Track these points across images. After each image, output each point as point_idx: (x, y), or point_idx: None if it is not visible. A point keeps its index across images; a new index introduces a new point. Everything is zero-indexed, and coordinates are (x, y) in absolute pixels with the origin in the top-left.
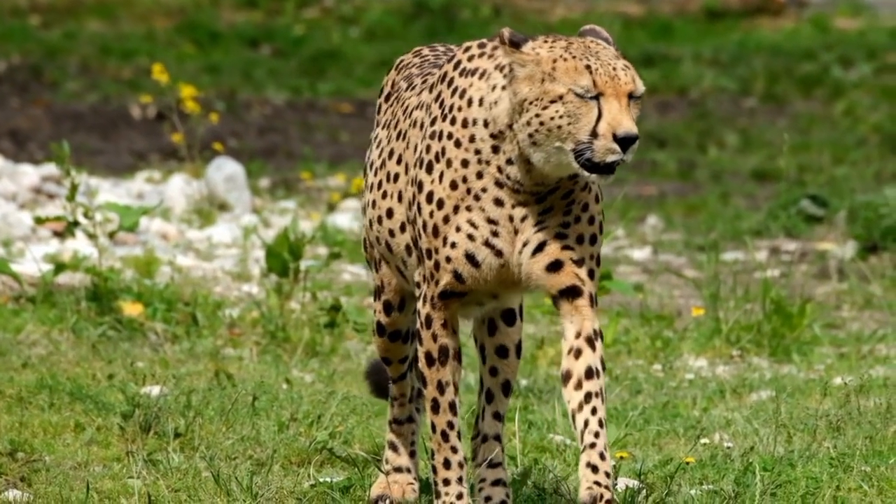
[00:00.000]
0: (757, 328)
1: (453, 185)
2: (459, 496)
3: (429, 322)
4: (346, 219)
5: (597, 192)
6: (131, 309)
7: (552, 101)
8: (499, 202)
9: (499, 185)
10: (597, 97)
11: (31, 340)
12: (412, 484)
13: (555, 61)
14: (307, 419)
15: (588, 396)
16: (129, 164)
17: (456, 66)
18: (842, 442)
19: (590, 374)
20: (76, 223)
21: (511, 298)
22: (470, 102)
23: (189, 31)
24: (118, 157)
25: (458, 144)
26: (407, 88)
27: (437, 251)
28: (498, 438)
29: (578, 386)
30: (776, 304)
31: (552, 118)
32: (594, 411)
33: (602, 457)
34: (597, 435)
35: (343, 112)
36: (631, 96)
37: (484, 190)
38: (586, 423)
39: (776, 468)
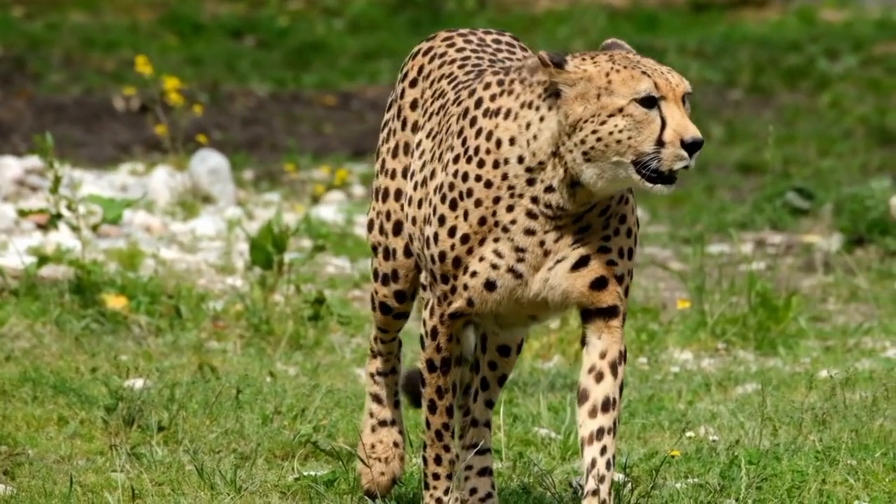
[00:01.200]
0: (742, 321)
1: (481, 222)
2: (447, 491)
3: (434, 334)
4: (331, 211)
5: (633, 204)
6: (115, 302)
7: (611, 115)
8: (529, 232)
9: (531, 215)
10: (658, 105)
11: (14, 333)
12: (398, 447)
13: (608, 74)
14: (291, 412)
15: (600, 432)
16: (112, 156)
17: (478, 105)
18: (827, 435)
19: (606, 405)
20: (59, 216)
21: (518, 323)
22: (499, 144)
23: (172, 22)
24: (101, 150)
25: (488, 185)
26: (455, 102)
27: (455, 278)
28: (488, 425)
29: (593, 414)
30: (762, 297)
31: (611, 133)
32: (603, 451)
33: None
34: (601, 480)
35: (327, 104)
36: (683, 99)
37: (513, 222)
38: (593, 463)
39: (762, 461)
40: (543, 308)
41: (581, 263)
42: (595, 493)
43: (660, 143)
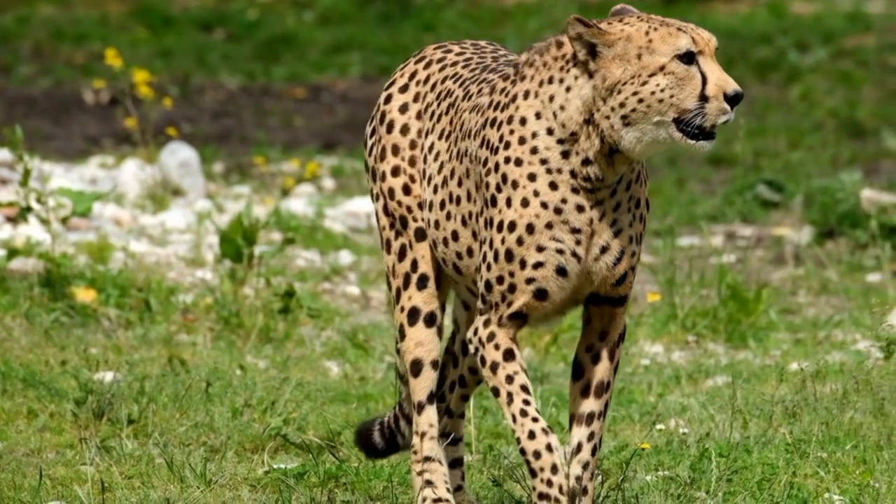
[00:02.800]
0: (713, 314)
1: (524, 203)
2: (554, 469)
3: (491, 337)
4: (301, 204)
5: (645, 182)
6: (84, 295)
7: (652, 75)
8: (580, 208)
9: (575, 191)
10: (696, 60)
11: None
12: None
13: (647, 33)
14: (261, 405)
15: (591, 417)
16: (82, 149)
17: (495, 108)
18: (798, 428)
19: (600, 389)
20: (29, 208)
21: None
22: (524, 121)
23: (142, 15)
24: (71, 143)
25: (518, 163)
26: (464, 98)
27: (511, 275)
28: (462, 416)
29: (586, 394)
30: (732, 290)
31: (653, 92)
32: (591, 437)
33: (585, 490)
34: (585, 466)
35: (297, 97)
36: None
37: (564, 201)
38: (579, 447)
39: (732, 454)
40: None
41: (618, 261)
42: (578, 479)
43: (703, 98)
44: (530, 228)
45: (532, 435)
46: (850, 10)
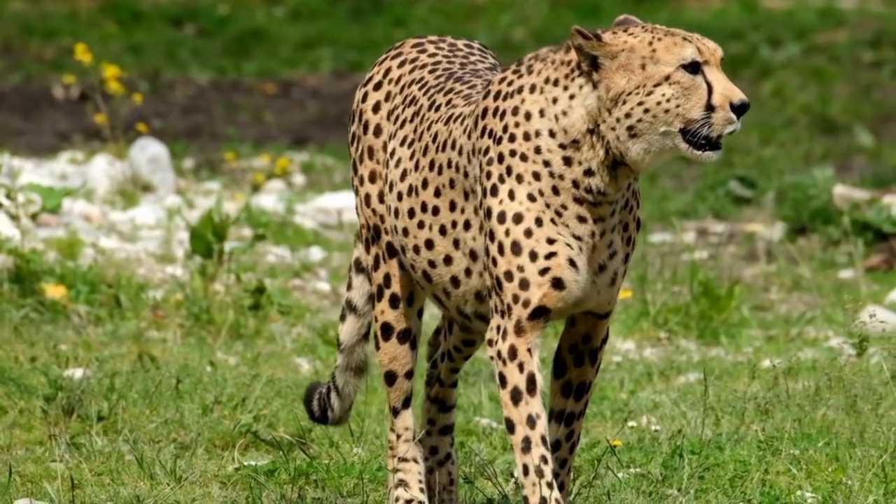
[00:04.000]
0: (685, 310)
1: (531, 198)
2: None
3: (513, 353)
4: (271, 200)
5: (639, 199)
6: (54, 291)
7: (657, 85)
8: (582, 219)
9: (578, 201)
10: (701, 70)
11: None
12: None
13: (651, 43)
14: (231, 402)
15: (570, 417)
16: (51, 144)
17: (497, 97)
18: (770, 425)
19: (581, 390)
20: None
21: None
22: (528, 116)
23: (112, 10)
24: (41, 138)
25: (524, 158)
26: (430, 107)
27: (521, 269)
28: (454, 385)
29: (566, 393)
30: (704, 286)
31: (658, 102)
32: (569, 436)
33: (562, 486)
34: (563, 464)
35: (268, 92)
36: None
37: (564, 207)
38: (558, 445)
39: (704, 451)
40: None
41: (613, 280)
42: (555, 475)
43: (709, 108)
44: (539, 221)
45: (543, 502)
46: (822, 5)
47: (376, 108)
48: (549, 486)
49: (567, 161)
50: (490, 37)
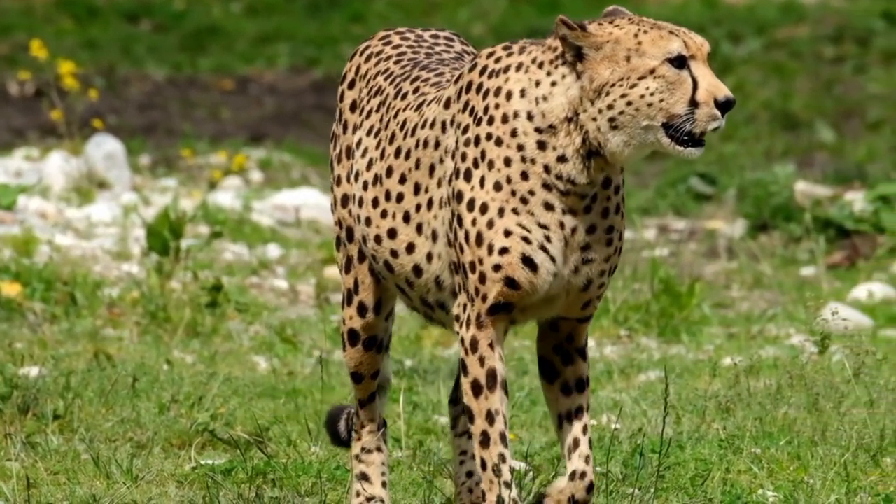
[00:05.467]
0: (645, 308)
1: (497, 187)
2: None
3: (474, 345)
4: (228, 197)
5: (623, 208)
6: (9, 289)
7: (641, 77)
8: (549, 206)
9: (546, 187)
10: (687, 65)
11: None
12: None
13: (636, 35)
14: (188, 401)
15: (580, 410)
16: (6, 141)
17: (482, 72)
18: (731, 423)
19: (581, 384)
20: None
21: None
22: (509, 96)
23: (67, 6)
24: None
25: (498, 143)
26: (396, 96)
27: (481, 262)
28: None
29: (568, 391)
30: (665, 284)
31: (642, 95)
32: (585, 430)
33: (584, 476)
34: (587, 460)
35: (224, 88)
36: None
37: (531, 192)
38: (576, 443)
39: (665, 450)
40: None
41: (586, 287)
42: (583, 474)
43: (693, 103)
44: (501, 212)
45: (500, 502)
46: (784, 0)
47: (353, 108)
48: (507, 485)
49: (541, 145)
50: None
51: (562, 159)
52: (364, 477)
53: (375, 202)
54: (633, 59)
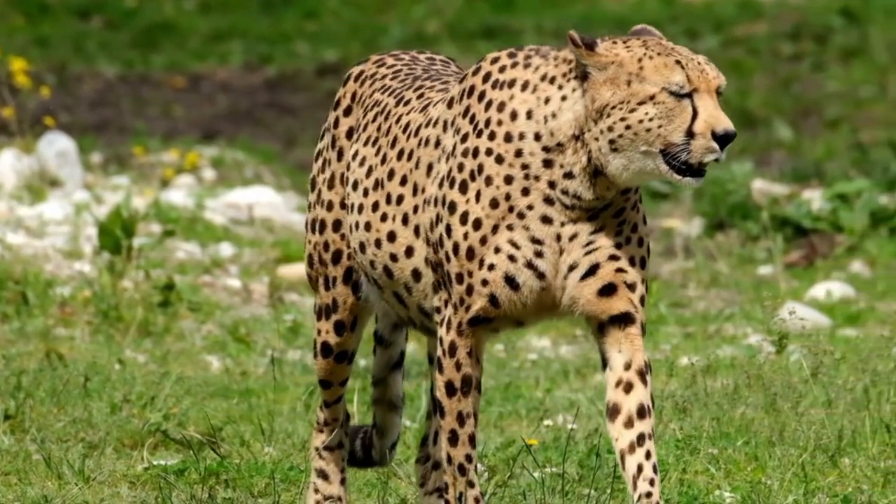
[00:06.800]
0: None
1: (494, 204)
2: None
3: (453, 350)
4: (181, 195)
5: (643, 214)
6: None
7: (641, 103)
8: (546, 220)
9: (548, 201)
10: (689, 95)
11: None
12: None
13: (640, 60)
14: (140, 401)
15: (641, 438)
16: None
17: (486, 79)
18: (688, 423)
19: (642, 412)
20: None
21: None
22: (514, 116)
23: (19, 2)
24: None
25: (499, 160)
26: (398, 103)
27: (470, 275)
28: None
29: (629, 424)
30: None
31: (641, 121)
32: (648, 455)
33: (650, 495)
34: (652, 482)
35: (176, 86)
36: (718, 92)
37: (530, 207)
38: (640, 469)
39: None
40: (555, 313)
41: (590, 272)
42: (649, 495)
43: (690, 134)
44: (495, 229)
45: (461, 499)
46: None
47: (349, 135)
48: (471, 484)
49: (548, 163)
50: (403, 29)
51: (569, 176)
52: (322, 474)
53: (375, 206)
54: (633, 84)
